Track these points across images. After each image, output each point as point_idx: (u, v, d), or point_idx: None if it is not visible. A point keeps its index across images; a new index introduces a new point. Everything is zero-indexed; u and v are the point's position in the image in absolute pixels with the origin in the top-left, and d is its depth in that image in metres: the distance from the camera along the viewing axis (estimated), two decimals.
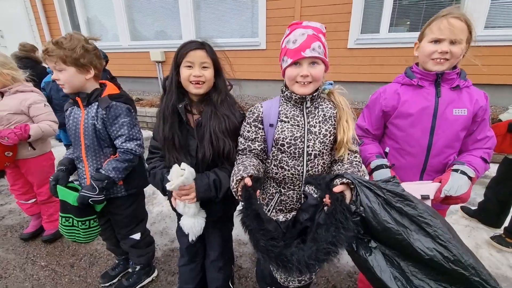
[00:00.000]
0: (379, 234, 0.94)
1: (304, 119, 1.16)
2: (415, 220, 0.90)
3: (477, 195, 2.77)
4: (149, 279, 1.92)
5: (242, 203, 1.00)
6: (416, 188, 1.17)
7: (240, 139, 1.25)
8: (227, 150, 1.23)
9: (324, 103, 1.20)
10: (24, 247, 2.30)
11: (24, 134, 1.89)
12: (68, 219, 1.49)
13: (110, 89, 1.50)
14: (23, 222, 2.62)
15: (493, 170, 3.22)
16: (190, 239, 1.33)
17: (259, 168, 1.14)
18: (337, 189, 0.97)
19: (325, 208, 0.99)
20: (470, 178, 1.14)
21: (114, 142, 1.49)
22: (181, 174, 1.14)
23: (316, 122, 1.16)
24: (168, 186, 1.14)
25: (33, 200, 2.32)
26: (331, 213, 0.93)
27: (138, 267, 1.86)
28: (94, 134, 1.45)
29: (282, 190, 1.24)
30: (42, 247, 2.29)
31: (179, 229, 1.40)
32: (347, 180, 0.97)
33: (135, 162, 1.52)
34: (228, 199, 1.40)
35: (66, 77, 1.37)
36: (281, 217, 1.19)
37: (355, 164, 1.16)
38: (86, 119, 1.44)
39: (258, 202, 0.99)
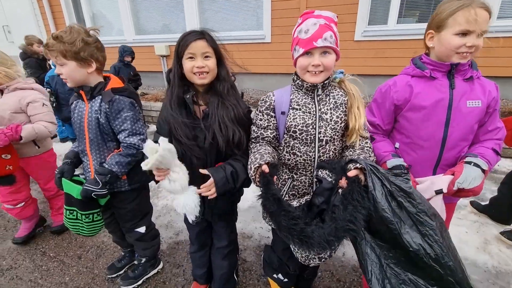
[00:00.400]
0: (372, 220, 0.98)
1: (315, 106, 1.18)
2: (411, 217, 0.95)
3: (487, 190, 2.71)
4: (155, 271, 1.95)
5: (261, 189, 1.05)
6: (430, 183, 1.16)
7: (253, 127, 1.28)
8: (237, 138, 1.22)
9: (335, 90, 1.22)
10: (33, 238, 2.34)
11: (15, 135, 1.76)
12: (72, 212, 1.50)
13: (114, 82, 1.49)
14: None
15: (503, 164, 3.18)
16: (190, 220, 1.32)
17: (274, 155, 1.17)
18: (351, 173, 1.02)
19: (340, 190, 1.04)
20: (483, 170, 1.11)
21: (118, 137, 1.48)
22: (155, 151, 1.06)
23: (327, 109, 1.18)
24: (143, 166, 1.10)
25: (22, 204, 2.14)
26: (348, 193, 0.98)
27: (143, 260, 1.88)
28: (98, 128, 1.45)
29: (295, 176, 1.26)
30: (51, 239, 2.34)
31: (186, 219, 1.41)
32: (361, 166, 1.01)
33: (138, 157, 1.51)
34: (234, 194, 1.43)
35: (68, 71, 1.36)
36: (295, 203, 1.22)
37: (366, 149, 1.18)
38: (90, 112, 1.44)
39: (276, 187, 1.04)
